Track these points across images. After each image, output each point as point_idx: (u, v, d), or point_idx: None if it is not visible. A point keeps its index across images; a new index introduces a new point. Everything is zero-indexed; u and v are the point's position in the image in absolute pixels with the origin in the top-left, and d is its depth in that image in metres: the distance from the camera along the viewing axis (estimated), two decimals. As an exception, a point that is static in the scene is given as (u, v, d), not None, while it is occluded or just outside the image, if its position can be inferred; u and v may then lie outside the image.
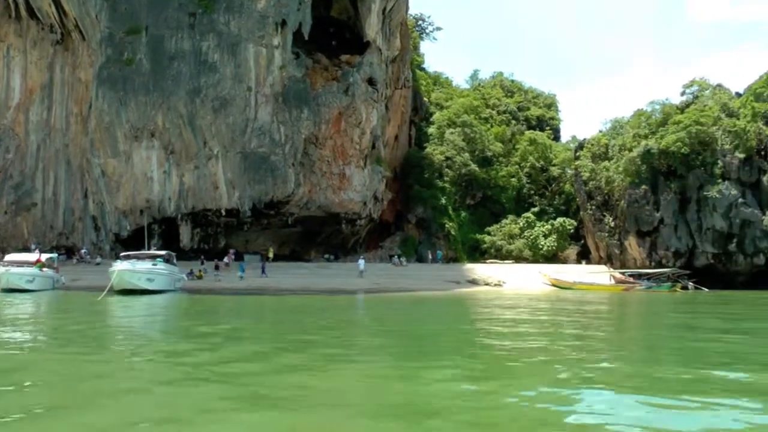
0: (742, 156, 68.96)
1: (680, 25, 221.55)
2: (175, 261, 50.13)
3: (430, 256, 73.74)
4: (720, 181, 68.39)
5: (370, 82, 65.41)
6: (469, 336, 19.52)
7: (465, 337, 19.07)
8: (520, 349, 15.89)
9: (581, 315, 28.45)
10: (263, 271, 56.71)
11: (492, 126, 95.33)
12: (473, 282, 61.13)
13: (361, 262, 60.04)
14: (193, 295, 42.33)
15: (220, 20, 60.03)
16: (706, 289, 63.29)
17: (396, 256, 70.25)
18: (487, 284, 60.77)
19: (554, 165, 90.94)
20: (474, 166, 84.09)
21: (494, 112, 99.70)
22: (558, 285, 62.75)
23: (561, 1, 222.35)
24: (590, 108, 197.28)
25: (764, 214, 67.02)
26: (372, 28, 65.40)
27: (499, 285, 61.18)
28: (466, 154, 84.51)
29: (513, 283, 62.46)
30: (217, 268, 57.10)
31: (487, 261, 76.40)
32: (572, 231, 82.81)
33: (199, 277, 54.73)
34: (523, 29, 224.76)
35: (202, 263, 58.57)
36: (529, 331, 20.64)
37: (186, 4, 60.34)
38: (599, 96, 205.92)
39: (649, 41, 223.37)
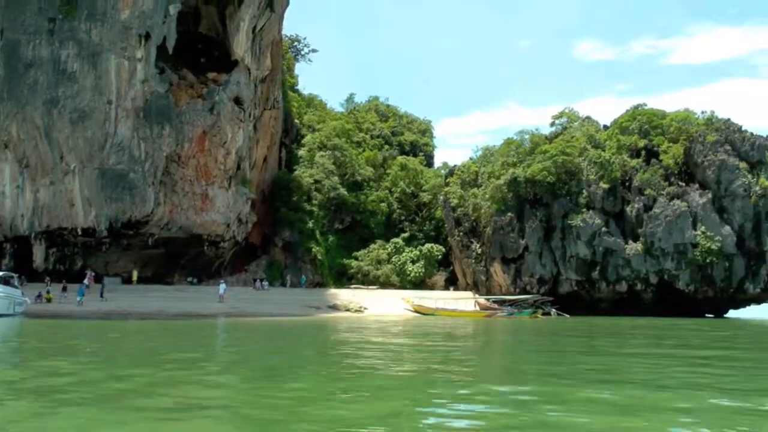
0: (606, 186, 70.91)
1: (566, 63, 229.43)
2: (17, 282, 46.80)
3: (289, 281, 72.76)
4: (584, 210, 70.08)
5: (237, 101, 63.88)
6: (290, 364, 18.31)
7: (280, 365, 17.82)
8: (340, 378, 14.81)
9: (427, 347, 27.63)
10: (101, 295, 54.05)
11: (364, 150, 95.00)
12: (334, 308, 60.36)
13: (222, 286, 58.20)
14: (34, 320, 39.59)
15: (82, 28, 57.07)
16: (568, 315, 64.62)
17: (258, 280, 68.79)
18: (347, 310, 60.13)
19: (425, 191, 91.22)
20: (343, 190, 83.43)
21: (367, 136, 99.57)
22: (420, 311, 62.87)
23: (449, 33, 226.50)
24: (469, 136, 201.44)
25: (626, 242, 69.07)
26: (240, 47, 63.96)
27: (360, 311, 60.63)
28: (336, 178, 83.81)
29: (375, 309, 62.05)
30: (64, 290, 54.00)
31: (352, 286, 75.72)
32: (440, 257, 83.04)
33: (48, 300, 51.84)
34: (406, 57, 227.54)
35: (48, 285, 55.37)
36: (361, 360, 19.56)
37: (46, 8, 56.70)
38: (481, 125, 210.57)
39: (536, 76, 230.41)
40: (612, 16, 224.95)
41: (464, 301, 67.79)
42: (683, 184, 70.90)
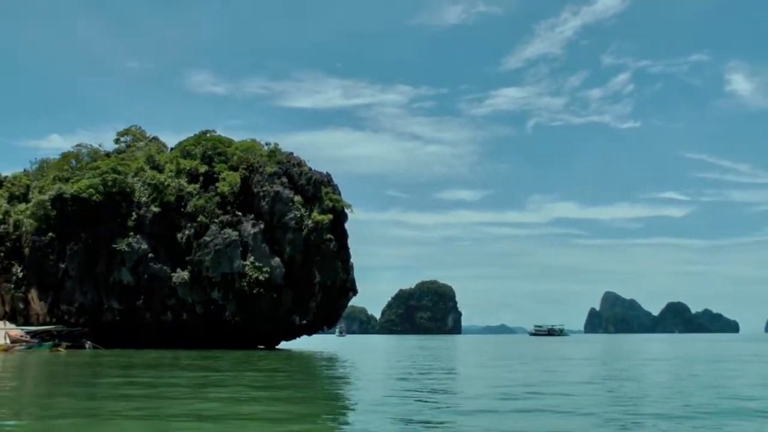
0: (157, 210, 67.20)
1: (178, 91, 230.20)
2: None
3: None
4: (132, 233, 66.01)
5: None
6: None
7: None
8: None
9: None
10: None
11: None
12: None
13: None
14: None
15: None
16: (104, 348, 60.64)
17: None
18: None
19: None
20: None
21: None
22: (-71, 347, 55.55)
23: (58, 43, 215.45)
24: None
25: (174, 270, 65.93)
26: None
27: None
28: None
29: None
30: None
31: None
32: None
33: None
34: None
35: None
36: None
37: None
38: (86, 143, 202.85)
39: (145, 99, 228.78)
40: (227, 51, 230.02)
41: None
42: (240, 213, 69.18)
